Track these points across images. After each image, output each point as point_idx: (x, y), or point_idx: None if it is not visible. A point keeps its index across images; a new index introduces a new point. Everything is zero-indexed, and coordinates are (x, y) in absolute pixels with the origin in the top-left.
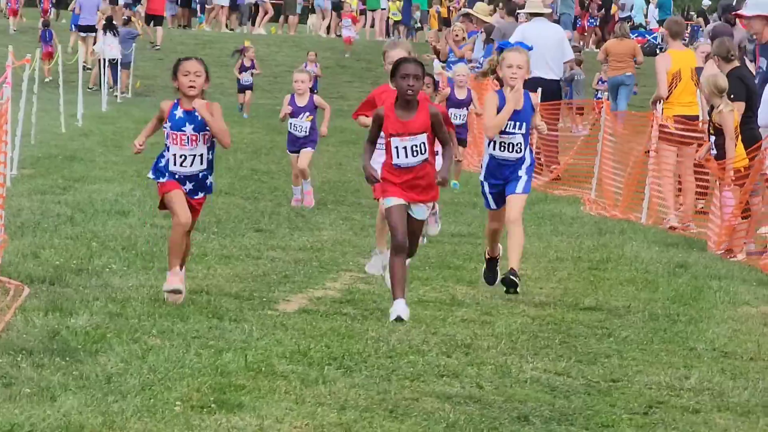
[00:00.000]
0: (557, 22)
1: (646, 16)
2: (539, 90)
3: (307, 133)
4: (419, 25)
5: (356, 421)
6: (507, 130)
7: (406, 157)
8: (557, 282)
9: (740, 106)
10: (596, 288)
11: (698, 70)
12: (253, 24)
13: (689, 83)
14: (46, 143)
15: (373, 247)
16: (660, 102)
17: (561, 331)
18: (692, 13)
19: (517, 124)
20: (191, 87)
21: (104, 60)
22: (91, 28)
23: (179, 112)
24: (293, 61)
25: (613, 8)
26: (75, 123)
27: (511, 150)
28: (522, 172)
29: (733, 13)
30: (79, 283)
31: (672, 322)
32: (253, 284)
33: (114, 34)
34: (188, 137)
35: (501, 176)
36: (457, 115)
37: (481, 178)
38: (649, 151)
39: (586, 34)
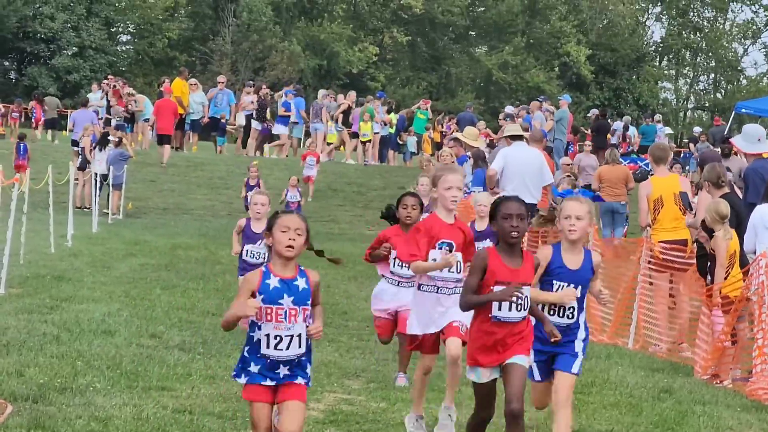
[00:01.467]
0: (550, 148)
1: (623, 139)
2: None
3: (265, 260)
4: (414, 149)
5: None
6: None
7: (509, 310)
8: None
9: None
10: (580, 412)
11: (682, 195)
12: (243, 147)
13: (672, 208)
14: (34, 263)
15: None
16: (646, 229)
17: None
18: (685, 140)
19: (572, 286)
20: (289, 247)
21: (95, 176)
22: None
23: (273, 281)
24: (284, 185)
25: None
26: (65, 243)
27: (562, 314)
28: (578, 347)
29: (729, 140)
30: (63, 401)
31: None
32: (236, 404)
33: (100, 150)
34: (285, 312)
35: (550, 344)
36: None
37: None
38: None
39: None
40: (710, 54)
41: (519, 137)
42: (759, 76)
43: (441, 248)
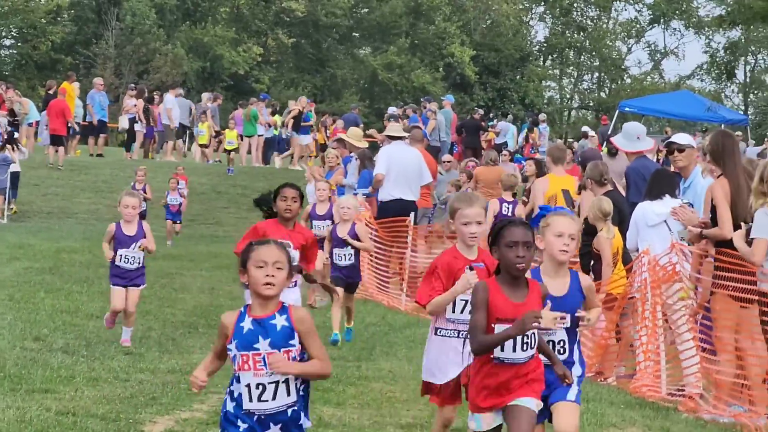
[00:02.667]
0: (436, 148)
1: (527, 140)
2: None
3: (139, 265)
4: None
5: None
6: None
7: (514, 350)
8: (425, 404)
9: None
10: (465, 409)
11: (564, 192)
12: (128, 150)
13: (566, 206)
14: None
15: None
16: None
17: None
18: (570, 139)
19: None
20: (268, 285)
21: None
22: None
23: (247, 323)
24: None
25: (490, 134)
26: None
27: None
28: (572, 388)
29: (613, 142)
30: None
31: None
32: (120, 406)
33: None
34: (264, 357)
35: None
36: (342, 256)
37: None
38: None
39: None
40: (594, 53)
41: (400, 137)
42: (643, 74)
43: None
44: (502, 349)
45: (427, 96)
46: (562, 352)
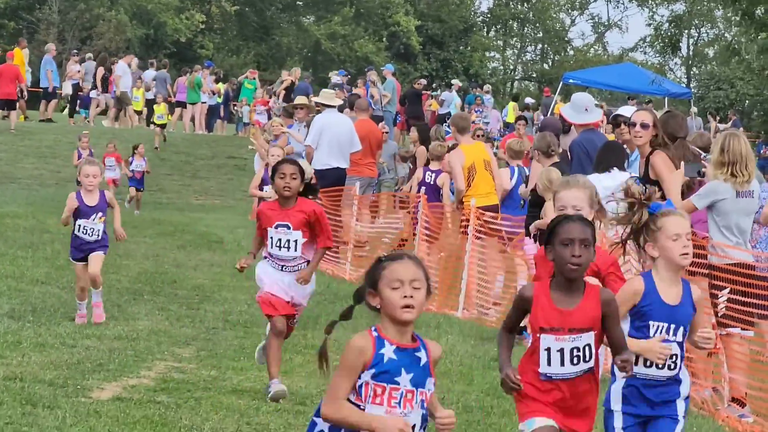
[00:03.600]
0: (381, 118)
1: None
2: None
3: (99, 237)
4: (247, 120)
5: None
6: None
7: (562, 364)
8: None
9: None
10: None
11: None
12: (71, 116)
13: (485, 174)
14: None
15: None
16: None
17: None
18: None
19: (672, 327)
20: (408, 308)
21: None
22: None
23: (389, 351)
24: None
25: (434, 104)
26: None
27: (662, 365)
28: (680, 409)
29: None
30: None
31: (486, 414)
32: (67, 372)
33: None
34: (402, 394)
35: (644, 403)
36: None
37: (611, 406)
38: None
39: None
40: (538, 25)
41: (332, 105)
42: (586, 47)
43: None
44: (549, 364)
45: (370, 65)
46: (672, 367)
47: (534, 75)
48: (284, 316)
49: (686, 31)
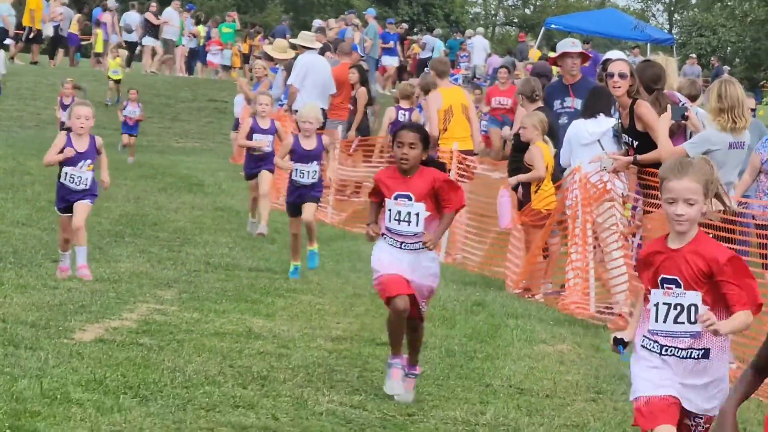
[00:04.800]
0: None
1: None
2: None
3: (87, 186)
4: (228, 62)
5: None
6: None
7: (665, 321)
8: (354, 317)
9: None
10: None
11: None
12: (51, 58)
13: (461, 118)
14: None
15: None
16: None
17: (358, 365)
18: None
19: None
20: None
21: None
22: None
23: None
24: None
25: (415, 48)
26: None
27: None
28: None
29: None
30: None
31: (469, 359)
32: (49, 313)
33: None
34: None
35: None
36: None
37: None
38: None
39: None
40: None
41: (312, 48)
42: None
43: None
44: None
45: (351, 9)
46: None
47: (515, 20)
48: (407, 296)
49: None
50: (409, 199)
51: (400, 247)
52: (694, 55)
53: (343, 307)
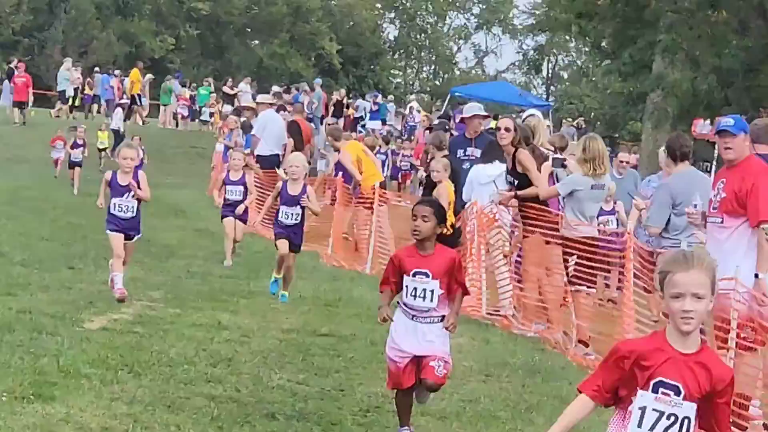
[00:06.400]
0: (310, 119)
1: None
2: None
3: (134, 214)
4: (208, 118)
5: (142, 413)
6: None
7: None
8: (300, 314)
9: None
10: (330, 320)
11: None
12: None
13: (367, 159)
14: None
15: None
16: (358, 186)
17: (302, 351)
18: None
19: None
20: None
21: None
22: None
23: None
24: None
25: (350, 110)
26: None
27: None
28: None
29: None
30: None
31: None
32: (65, 307)
33: None
34: None
35: None
36: (289, 214)
37: None
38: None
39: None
40: (432, 50)
41: (270, 104)
42: (469, 68)
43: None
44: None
45: (302, 79)
46: None
47: (428, 89)
48: (410, 388)
49: (547, 57)
50: (427, 276)
51: (412, 319)
52: (571, 119)
53: (291, 306)
